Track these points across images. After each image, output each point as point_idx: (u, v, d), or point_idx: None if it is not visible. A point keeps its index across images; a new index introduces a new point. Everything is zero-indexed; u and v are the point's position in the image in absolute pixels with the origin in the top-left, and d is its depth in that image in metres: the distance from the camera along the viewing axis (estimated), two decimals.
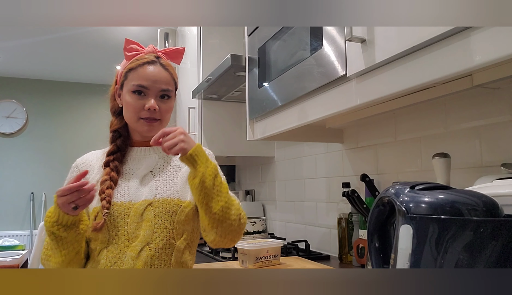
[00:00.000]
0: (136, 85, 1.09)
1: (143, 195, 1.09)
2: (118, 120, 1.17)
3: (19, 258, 2.24)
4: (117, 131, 1.16)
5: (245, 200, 2.65)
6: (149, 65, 1.11)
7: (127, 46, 1.15)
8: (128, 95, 1.11)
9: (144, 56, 1.13)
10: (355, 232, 1.51)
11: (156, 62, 1.12)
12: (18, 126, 4.87)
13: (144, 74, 1.10)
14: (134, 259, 1.03)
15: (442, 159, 1.06)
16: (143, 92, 1.10)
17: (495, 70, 0.85)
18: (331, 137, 1.73)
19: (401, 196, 0.66)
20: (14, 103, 4.88)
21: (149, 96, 1.10)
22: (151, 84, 1.10)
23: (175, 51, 1.20)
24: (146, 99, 1.10)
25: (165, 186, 1.11)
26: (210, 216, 1.02)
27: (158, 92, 1.11)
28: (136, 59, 1.12)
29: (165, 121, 1.15)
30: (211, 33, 2.35)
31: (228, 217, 1.03)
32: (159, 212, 1.07)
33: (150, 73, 1.10)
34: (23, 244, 2.65)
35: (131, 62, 1.13)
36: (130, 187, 1.10)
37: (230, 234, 1.05)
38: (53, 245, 1.01)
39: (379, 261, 0.72)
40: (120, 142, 1.15)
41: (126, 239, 1.05)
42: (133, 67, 1.11)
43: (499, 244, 0.59)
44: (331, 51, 1.06)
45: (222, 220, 1.03)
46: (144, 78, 1.10)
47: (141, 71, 1.10)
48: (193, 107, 2.42)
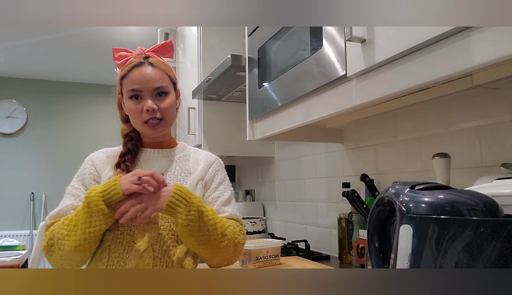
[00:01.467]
0: (130, 90, 1.11)
1: None
2: (127, 126, 1.19)
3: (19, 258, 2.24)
4: (128, 135, 1.18)
5: (245, 200, 2.65)
6: (137, 68, 1.11)
7: (115, 54, 1.17)
8: (127, 102, 1.12)
9: (132, 60, 1.14)
10: (355, 232, 1.51)
11: (143, 63, 1.12)
12: (18, 126, 4.87)
13: (134, 78, 1.10)
14: (137, 259, 1.04)
15: (442, 159, 1.06)
16: (139, 96, 1.11)
17: (495, 70, 0.85)
18: (331, 137, 1.73)
19: (401, 196, 0.66)
20: (14, 103, 4.88)
21: (144, 98, 1.11)
22: (143, 85, 1.10)
23: (163, 46, 1.19)
24: (143, 101, 1.11)
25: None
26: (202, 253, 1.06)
27: (152, 91, 1.11)
28: (125, 66, 1.14)
29: (168, 118, 1.15)
30: (211, 33, 2.35)
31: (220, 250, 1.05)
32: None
33: (140, 75, 1.11)
34: (23, 244, 2.65)
35: (122, 69, 1.14)
36: None
37: (226, 261, 1.09)
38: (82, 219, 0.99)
39: (379, 261, 0.72)
40: (132, 145, 1.16)
41: (131, 239, 1.05)
42: (124, 74, 1.12)
43: (499, 244, 0.59)
44: (331, 51, 1.06)
45: (215, 255, 1.06)
46: (135, 81, 1.10)
47: (131, 76, 1.11)
48: (193, 107, 2.42)
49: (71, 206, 1.08)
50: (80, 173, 1.16)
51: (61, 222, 1.04)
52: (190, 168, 1.18)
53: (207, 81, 2.03)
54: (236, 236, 1.08)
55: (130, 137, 1.17)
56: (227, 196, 1.18)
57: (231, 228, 1.08)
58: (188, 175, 1.17)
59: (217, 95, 2.26)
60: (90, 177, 1.13)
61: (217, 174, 1.21)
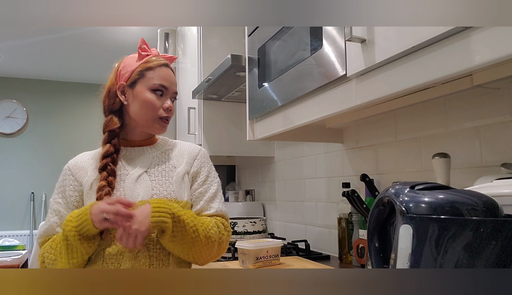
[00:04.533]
0: (158, 84, 1.12)
1: (140, 196, 1.09)
2: (117, 119, 1.14)
3: (19, 258, 2.24)
4: (113, 131, 1.13)
5: (245, 200, 2.65)
6: (166, 68, 1.15)
7: (142, 45, 1.17)
8: (148, 94, 1.11)
9: (159, 57, 1.16)
10: (355, 232, 1.51)
11: (168, 65, 1.16)
12: (18, 126, 4.87)
13: (165, 75, 1.13)
14: (132, 260, 1.03)
15: (442, 159, 1.06)
16: (162, 93, 1.13)
17: (495, 70, 0.85)
18: (331, 137, 1.73)
19: (401, 196, 0.66)
20: (14, 103, 4.88)
21: (166, 96, 1.14)
22: (169, 85, 1.14)
23: (170, 58, 1.22)
24: (164, 99, 1.13)
25: (161, 186, 1.10)
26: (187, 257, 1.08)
27: (172, 94, 1.15)
28: (152, 60, 1.14)
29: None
30: (211, 33, 2.35)
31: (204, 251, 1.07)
32: None
33: (169, 75, 1.15)
34: (23, 244, 2.65)
35: (147, 61, 1.14)
36: (126, 188, 1.09)
37: (211, 259, 1.12)
38: (64, 250, 1.00)
39: (379, 261, 0.72)
40: (117, 142, 1.13)
41: None
42: (152, 67, 1.13)
43: (499, 244, 0.59)
44: (331, 51, 1.06)
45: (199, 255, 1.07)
46: (165, 79, 1.13)
47: (161, 72, 1.13)
48: (193, 107, 2.42)
49: (55, 224, 1.09)
50: (60, 184, 1.14)
51: (49, 245, 1.06)
52: (174, 162, 1.17)
53: (207, 81, 2.03)
54: (221, 236, 1.09)
55: (115, 134, 1.14)
56: (214, 190, 1.17)
57: (214, 229, 1.08)
58: (172, 169, 1.15)
59: (217, 95, 2.26)
60: (70, 188, 1.12)
61: (203, 166, 1.19)
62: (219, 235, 1.08)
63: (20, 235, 4.72)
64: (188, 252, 1.05)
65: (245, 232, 2.00)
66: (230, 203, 2.56)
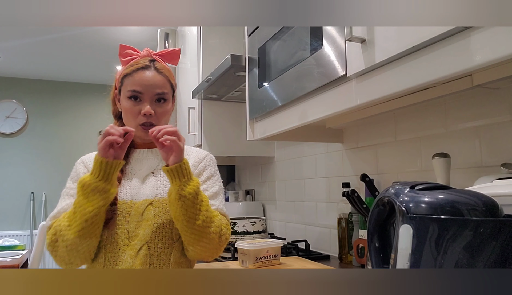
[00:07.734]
0: (131, 90, 1.10)
1: (144, 195, 1.10)
2: (120, 123, 1.18)
3: (19, 258, 2.24)
4: None
5: (245, 200, 2.65)
6: (143, 70, 1.11)
7: (122, 51, 1.17)
8: (125, 101, 1.12)
9: (138, 61, 1.14)
10: (355, 232, 1.51)
11: (150, 66, 1.13)
12: (18, 126, 4.87)
13: (138, 80, 1.10)
14: (133, 258, 1.04)
15: (442, 159, 1.06)
16: (138, 98, 1.11)
17: (495, 70, 0.85)
18: (331, 137, 1.73)
19: (401, 196, 0.66)
20: (14, 103, 4.88)
21: (144, 101, 1.11)
22: (145, 89, 1.10)
23: (171, 53, 1.20)
24: (142, 104, 1.11)
25: (166, 186, 1.12)
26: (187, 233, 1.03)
27: (153, 96, 1.11)
28: (130, 65, 1.13)
29: (162, 124, 1.14)
30: (211, 33, 2.35)
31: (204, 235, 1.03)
32: (159, 211, 1.08)
33: (144, 78, 1.11)
34: (23, 244, 2.65)
35: (126, 67, 1.14)
36: (132, 186, 1.11)
37: (208, 251, 1.06)
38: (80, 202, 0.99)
39: (379, 261, 0.72)
40: None
41: (126, 237, 1.06)
42: (128, 73, 1.12)
43: (499, 244, 0.59)
44: (331, 51, 1.06)
45: (199, 239, 1.03)
46: (138, 83, 1.10)
47: (135, 77, 1.11)
48: (193, 107, 2.42)
49: (67, 205, 1.08)
50: (73, 175, 1.16)
51: (61, 216, 1.05)
52: None
53: (207, 81, 2.03)
54: (222, 228, 1.07)
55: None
56: (215, 190, 1.16)
57: (218, 217, 1.08)
58: None
59: (217, 95, 2.26)
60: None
61: (207, 168, 1.19)
62: (221, 227, 1.07)
63: (20, 235, 4.72)
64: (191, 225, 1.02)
65: (245, 232, 2.00)
66: (230, 203, 2.56)
